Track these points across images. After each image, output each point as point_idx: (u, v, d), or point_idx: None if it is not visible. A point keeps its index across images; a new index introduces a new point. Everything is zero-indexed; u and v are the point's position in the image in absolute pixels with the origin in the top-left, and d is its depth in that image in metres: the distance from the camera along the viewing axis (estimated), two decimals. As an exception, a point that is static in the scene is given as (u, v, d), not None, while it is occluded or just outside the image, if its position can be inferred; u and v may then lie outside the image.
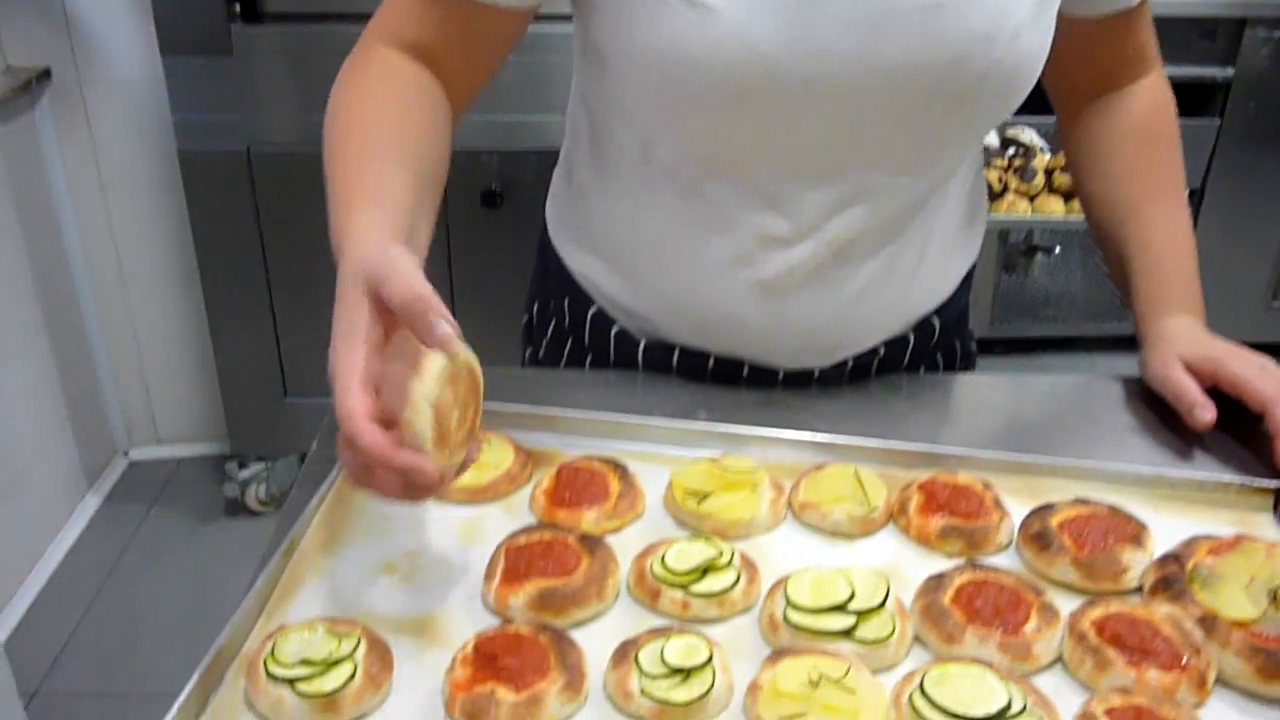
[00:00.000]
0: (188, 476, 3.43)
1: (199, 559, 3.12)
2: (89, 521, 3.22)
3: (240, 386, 3.11)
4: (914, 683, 0.90)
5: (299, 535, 1.07)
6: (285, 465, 3.25)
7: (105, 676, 2.72)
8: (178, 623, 2.86)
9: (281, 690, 0.88)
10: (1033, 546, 1.07)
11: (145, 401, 3.44)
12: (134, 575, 3.05)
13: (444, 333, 0.89)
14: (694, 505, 1.10)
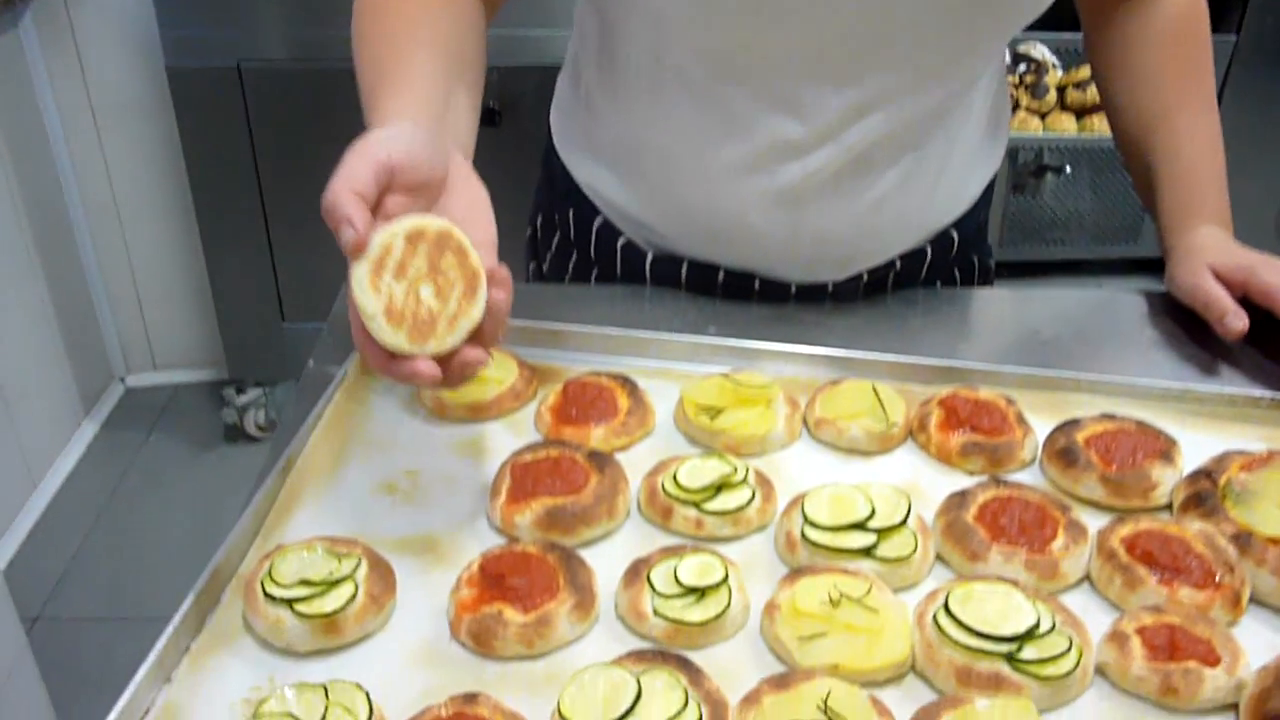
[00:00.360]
0: (185, 403, 3.39)
1: (198, 485, 3.10)
2: (86, 448, 3.19)
3: (237, 312, 3.06)
4: (938, 601, 0.87)
5: (296, 454, 1.03)
6: (283, 390, 3.21)
7: (106, 601, 2.70)
8: (177, 548, 2.84)
9: (280, 611, 0.84)
10: (1058, 463, 1.03)
11: (141, 328, 3.39)
12: (133, 501, 3.03)
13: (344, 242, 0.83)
14: (706, 421, 1.06)
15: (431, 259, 0.85)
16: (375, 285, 0.83)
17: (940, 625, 0.83)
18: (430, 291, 0.84)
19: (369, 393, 1.12)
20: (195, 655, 0.85)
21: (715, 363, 1.18)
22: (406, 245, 0.84)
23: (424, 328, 0.84)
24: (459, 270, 0.86)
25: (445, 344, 0.84)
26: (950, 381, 1.14)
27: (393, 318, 0.83)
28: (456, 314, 0.85)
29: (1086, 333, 1.31)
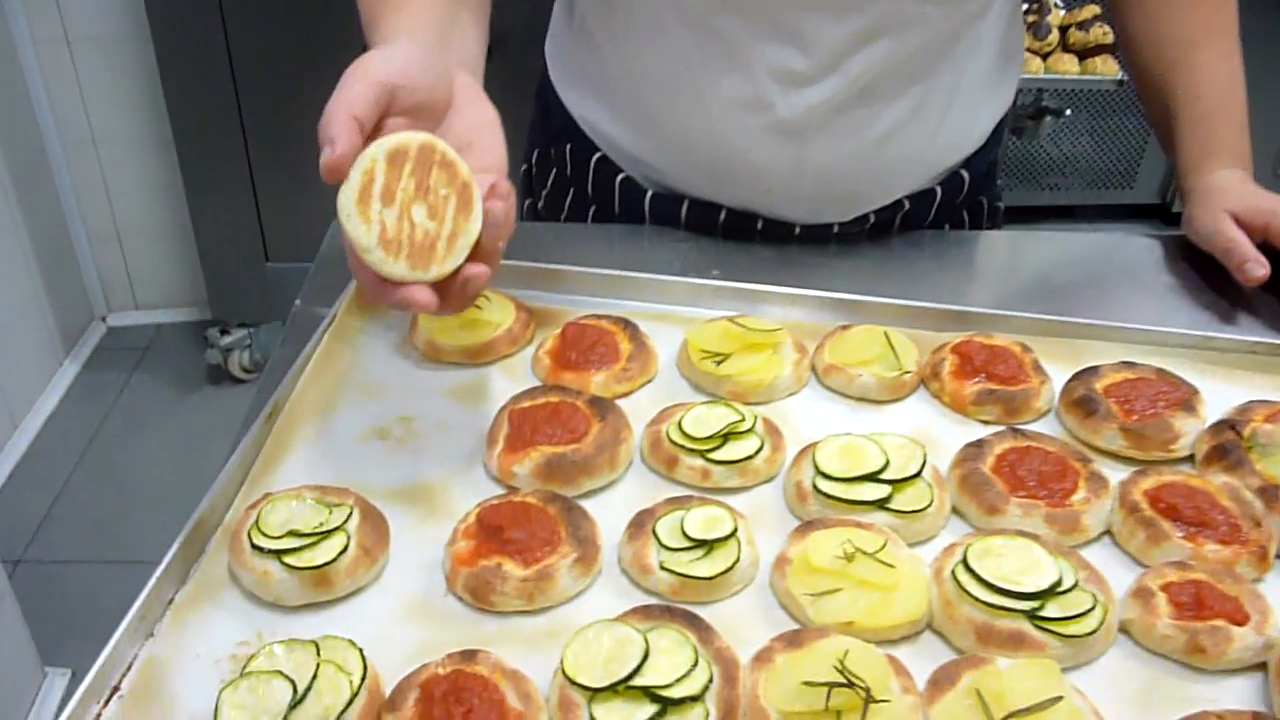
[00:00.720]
0: (168, 343, 3.33)
1: (182, 427, 3.05)
2: (67, 389, 3.14)
3: (220, 251, 2.99)
4: (955, 556, 0.83)
5: (283, 398, 0.98)
6: (269, 331, 3.15)
7: (89, 544, 2.67)
8: (161, 491, 2.80)
9: (268, 563, 0.80)
10: (1076, 412, 0.99)
11: (122, 266, 3.32)
12: (116, 443, 2.99)
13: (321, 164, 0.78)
14: (711, 367, 1.01)
15: (419, 178, 0.79)
16: (365, 215, 0.78)
17: (959, 581, 0.80)
18: (423, 213, 0.79)
19: (359, 335, 1.08)
20: (179, 608, 0.81)
21: (719, 306, 1.13)
22: (389, 167, 0.79)
23: (423, 252, 0.79)
24: (449, 185, 0.80)
25: (447, 266, 0.79)
26: (963, 327, 1.10)
27: (389, 247, 0.78)
28: (454, 232, 0.80)
29: (1100, 278, 1.26)
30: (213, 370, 3.18)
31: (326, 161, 0.77)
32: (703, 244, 1.28)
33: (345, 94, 0.79)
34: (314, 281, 1.19)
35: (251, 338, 3.12)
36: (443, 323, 1.05)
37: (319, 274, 1.20)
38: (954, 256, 1.32)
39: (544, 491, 0.88)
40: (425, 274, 0.78)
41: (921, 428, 1.00)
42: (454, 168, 0.81)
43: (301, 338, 1.08)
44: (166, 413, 3.11)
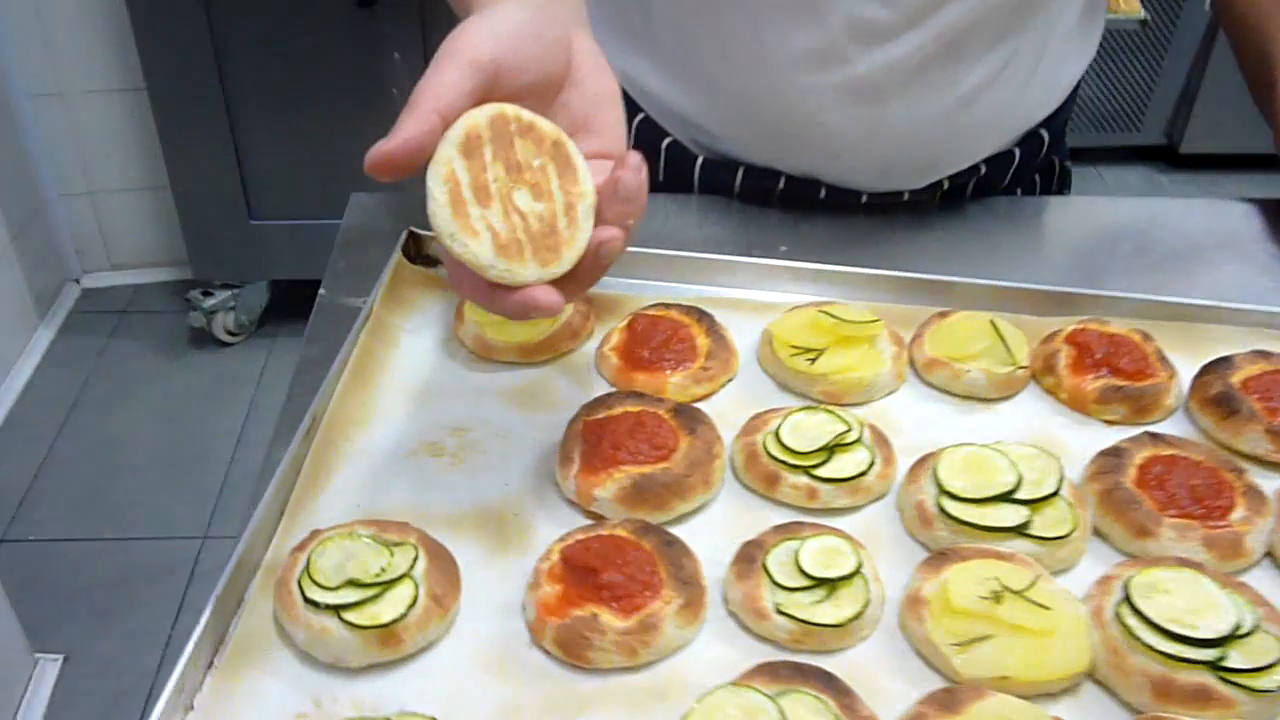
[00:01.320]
0: (147, 305, 3.18)
1: (166, 392, 2.91)
2: (43, 355, 2.98)
3: (199, 207, 2.83)
4: (1114, 592, 0.73)
5: (320, 410, 0.86)
6: (254, 292, 3.00)
7: (75, 520, 2.54)
8: (148, 461, 2.67)
9: (325, 619, 0.69)
10: (1214, 412, 0.88)
11: (95, 224, 3.15)
12: (97, 412, 2.84)
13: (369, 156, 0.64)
14: (804, 365, 0.90)
15: (504, 158, 0.66)
16: (468, 228, 0.64)
17: (1127, 625, 0.69)
18: (527, 196, 0.66)
19: (399, 332, 0.95)
20: (221, 674, 0.69)
21: (794, 290, 1.02)
22: (468, 161, 0.66)
23: (546, 241, 0.66)
24: (540, 151, 0.67)
25: (578, 244, 0.66)
26: (1068, 311, 0.99)
27: (508, 252, 0.65)
28: (569, 204, 0.67)
29: (1200, 249, 1.15)
30: (196, 333, 3.03)
31: (373, 155, 0.63)
32: (760, 216, 1.16)
33: (434, 81, 0.64)
34: (338, 266, 1.06)
35: (236, 299, 2.97)
36: (491, 316, 0.93)
37: (343, 256, 1.07)
38: (1034, 226, 1.21)
39: (635, 522, 0.76)
40: (559, 266, 0.66)
41: (1040, 430, 0.89)
42: (536, 129, 0.68)
43: (329, 334, 0.95)
44: (149, 378, 2.97)
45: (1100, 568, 0.77)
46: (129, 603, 2.35)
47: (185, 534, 2.51)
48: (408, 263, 1.01)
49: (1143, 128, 3.87)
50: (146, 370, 2.99)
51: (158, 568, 2.41)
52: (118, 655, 2.25)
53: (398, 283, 0.98)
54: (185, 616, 2.34)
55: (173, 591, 2.38)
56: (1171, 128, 3.84)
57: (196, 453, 2.70)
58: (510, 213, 0.65)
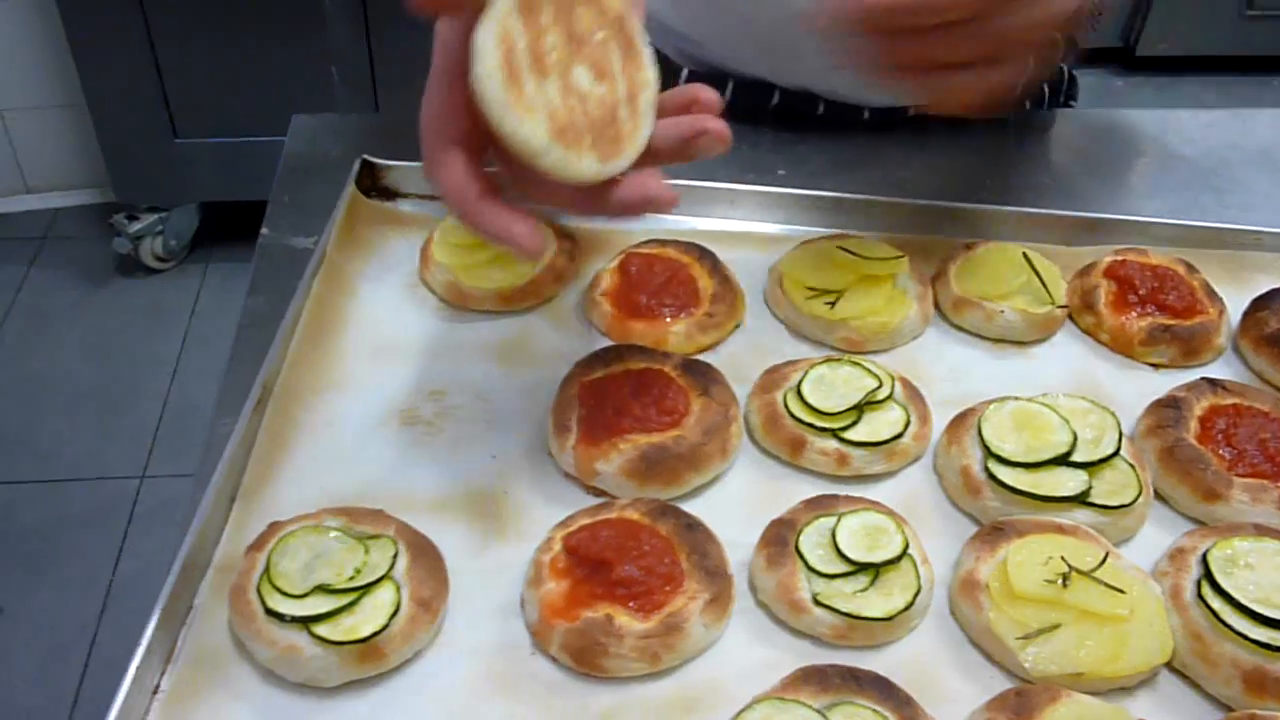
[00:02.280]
0: (68, 230, 2.98)
1: (93, 324, 2.74)
2: (-44, 286, 2.79)
3: (119, 125, 2.63)
4: (1190, 568, 0.64)
5: (272, 377, 0.74)
6: (182, 215, 2.82)
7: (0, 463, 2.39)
8: (77, 399, 2.51)
9: (293, 635, 0.58)
10: (1271, 351, 0.80)
11: (7, 145, 2.93)
12: (18, 347, 2.67)
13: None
14: (823, 310, 0.80)
15: (564, 25, 0.55)
16: (521, 101, 0.53)
17: (1212, 609, 0.61)
18: (587, 74, 0.56)
19: (357, 279, 0.83)
20: (172, 700, 0.58)
21: (802, 221, 0.91)
22: (525, 19, 0.54)
23: (609, 131, 0.55)
24: (603, 23, 0.57)
25: (640, 138, 0.57)
26: (1102, 237, 0.90)
27: (568, 137, 0.54)
28: (631, 92, 0.57)
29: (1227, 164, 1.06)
30: (123, 260, 2.84)
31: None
32: (753, 135, 1.04)
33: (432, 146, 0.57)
34: (281, 200, 0.93)
35: (164, 223, 2.79)
36: (465, 259, 0.81)
37: (286, 189, 0.94)
38: (1044, 141, 1.11)
39: (649, 503, 0.66)
40: (621, 160, 0.55)
41: (1082, 376, 0.80)
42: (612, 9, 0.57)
43: (275, 282, 0.83)
44: (74, 309, 2.79)
45: (1166, 536, 0.69)
46: (63, 550, 2.22)
47: (121, 474, 2.37)
48: (363, 197, 0.88)
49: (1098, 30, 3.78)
50: (70, 301, 2.81)
51: (93, 512, 2.28)
52: (54, 606, 2.13)
53: (353, 221, 0.86)
54: (126, 562, 2.22)
55: (111, 536, 2.26)
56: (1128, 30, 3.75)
57: (128, 388, 2.55)
58: (570, 92, 0.54)
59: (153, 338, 2.70)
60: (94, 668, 2.09)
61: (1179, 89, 3.77)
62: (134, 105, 2.59)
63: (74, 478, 2.39)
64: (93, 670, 2.09)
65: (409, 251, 0.85)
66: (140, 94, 2.58)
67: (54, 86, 2.83)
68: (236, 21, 2.46)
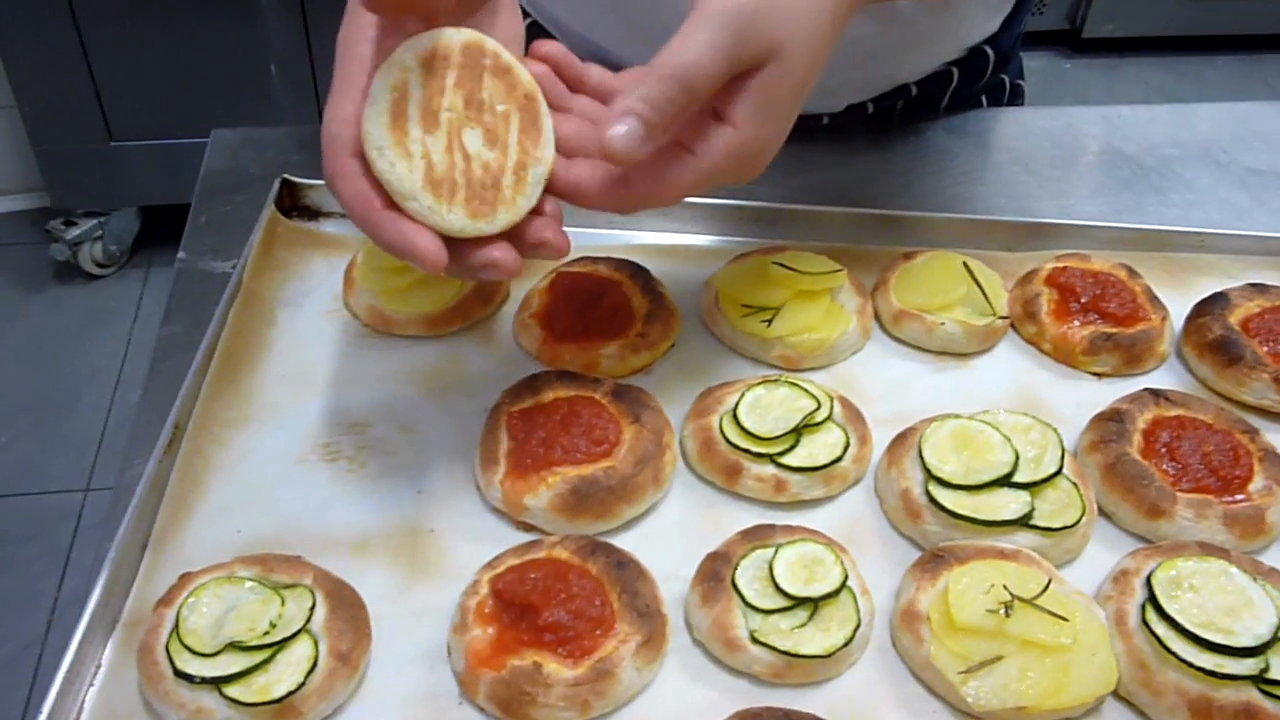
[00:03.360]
0: (4, 237, 2.89)
1: (31, 333, 2.67)
2: (-112, 296, 2.71)
3: (51, 128, 2.56)
4: (1134, 592, 0.63)
5: (184, 415, 0.71)
6: (121, 219, 2.75)
7: (-64, 479, 2.33)
8: (15, 409, 2.45)
9: (202, 697, 0.55)
10: (1214, 359, 0.79)
11: (-65, 150, 2.85)
12: (-46, 358, 2.60)
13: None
14: (759, 328, 0.77)
15: (467, 90, 0.57)
16: (402, 146, 0.54)
17: (1157, 635, 0.60)
18: (479, 138, 0.57)
19: (275, 305, 0.80)
20: (76, 770, 0.56)
21: (738, 232, 0.89)
22: (426, 77, 0.55)
23: (487, 194, 0.56)
24: (508, 98, 0.58)
25: (519, 208, 0.57)
26: (1044, 242, 0.88)
27: (439, 189, 0.55)
28: (521, 162, 0.57)
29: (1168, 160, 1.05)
30: (61, 267, 2.77)
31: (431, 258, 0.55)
32: None
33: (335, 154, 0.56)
34: (198, 221, 0.89)
35: (102, 227, 2.72)
36: (388, 282, 0.78)
37: (205, 209, 0.90)
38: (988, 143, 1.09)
39: (579, 540, 0.64)
40: (490, 224, 0.56)
41: (1024, 388, 0.79)
42: (512, 74, 0.58)
43: (191, 309, 0.80)
44: (11, 318, 2.72)
45: (1111, 555, 0.67)
46: (4, 566, 2.17)
47: (63, 487, 2.32)
48: (282, 217, 0.85)
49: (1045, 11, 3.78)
50: (7, 309, 2.74)
51: (34, 526, 2.23)
52: (-3, 623, 2.08)
53: (271, 243, 0.82)
54: (72, 577, 2.17)
55: (54, 550, 2.20)
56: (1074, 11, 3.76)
57: (69, 397, 2.49)
58: (455, 149, 0.55)
59: (94, 345, 2.64)
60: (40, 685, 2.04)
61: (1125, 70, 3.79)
62: (67, 108, 2.52)
63: (14, 492, 2.33)
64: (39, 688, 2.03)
65: (331, 275, 0.82)
66: (73, 96, 2.52)
67: (-18, 89, 2.75)
68: (170, 19, 2.40)
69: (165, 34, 2.42)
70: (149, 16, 2.40)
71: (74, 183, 2.67)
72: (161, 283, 2.77)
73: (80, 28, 2.43)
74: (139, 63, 2.46)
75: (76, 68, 2.48)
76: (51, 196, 2.69)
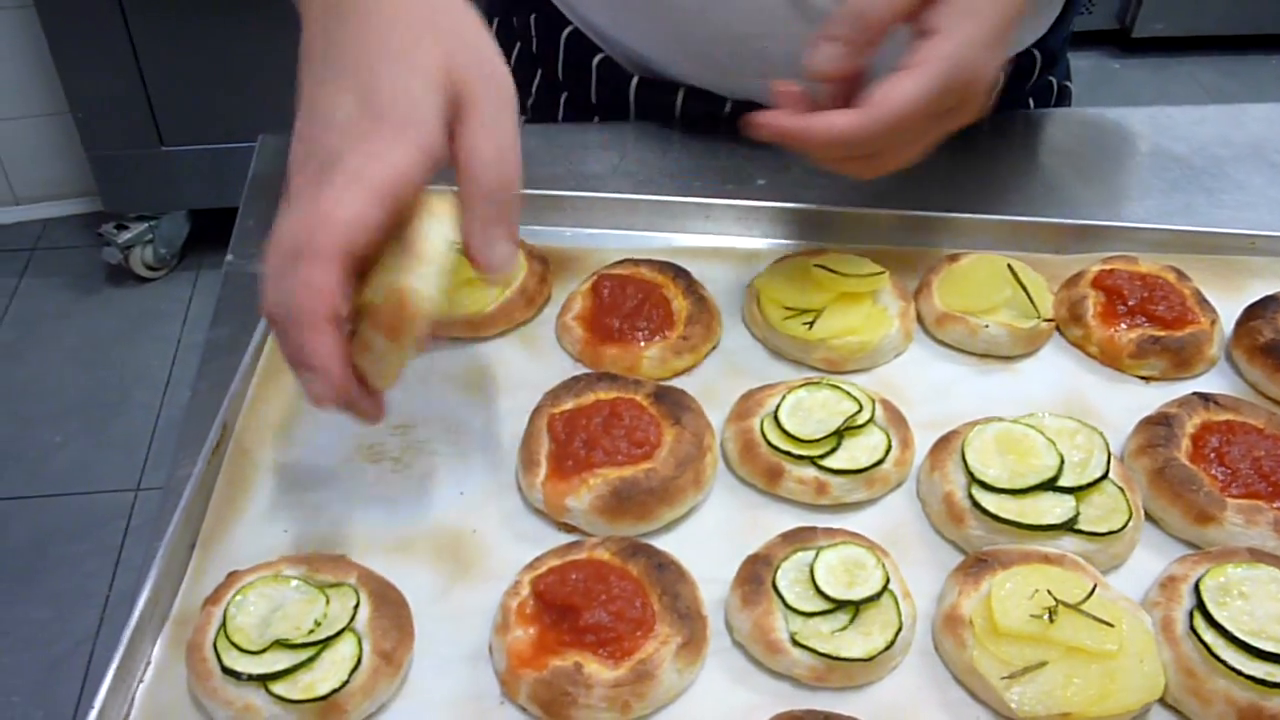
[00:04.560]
0: (58, 241, 2.96)
1: (84, 334, 2.72)
2: (-52, 300, 2.77)
3: (104, 134, 2.61)
4: (1183, 599, 0.62)
5: (232, 417, 0.72)
6: (171, 223, 2.80)
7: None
8: (70, 409, 2.49)
9: (249, 694, 0.56)
10: (1265, 363, 0.77)
11: (-7, 156, 2.91)
12: (10, 358, 2.65)
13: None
14: (801, 330, 0.77)
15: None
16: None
17: (1205, 642, 0.59)
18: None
19: (323, 307, 0.81)
20: (126, 764, 0.57)
21: (781, 234, 0.89)
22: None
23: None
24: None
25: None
26: (1091, 244, 0.87)
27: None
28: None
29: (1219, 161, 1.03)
30: (113, 270, 2.82)
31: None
32: (702, 144, 1.00)
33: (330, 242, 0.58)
34: (246, 224, 0.91)
35: (153, 231, 2.77)
36: (434, 283, 0.79)
37: (253, 211, 0.92)
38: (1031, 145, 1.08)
39: (620, 542, 0.64)
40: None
41: (1070, 392, 0.78)
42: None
43: (238, 311, 0.81)
44: (65, 319, 2.77)
45: (1158, 561, 0.67)
46: (57, 565, 2.20)
47: (114, 487, 2.35)
48: (329, 221, 0.86)
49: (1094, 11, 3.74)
50: (61, 311, 2.79)
51: (85, 524, 2.26)
52: (50, 622, 2.11)
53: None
54: (122, 575, 2.21)
55: (106, 548, 2.24)
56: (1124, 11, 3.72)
57: (121, 398, 2.53)
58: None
59: (145, 347, 2.68)
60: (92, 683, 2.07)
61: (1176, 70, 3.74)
62: (119, 113, 2.57)
63: (67, 491, 2.37)
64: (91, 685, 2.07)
65: (376, 277, 0.83)
66: (125, 101, 2.56)
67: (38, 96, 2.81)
68: (220, 25, 2.44)
69: (215, 40, 2.46)
70: (199, 22, 2.43)
71: (125, 186, 2.72)
72: (211, 285, 2.81)
73: (132, 34, 2.48)
74: (189, 68, 2.50)
75: (128, 73, 2.52)
76: (104, 201, 2.74)
